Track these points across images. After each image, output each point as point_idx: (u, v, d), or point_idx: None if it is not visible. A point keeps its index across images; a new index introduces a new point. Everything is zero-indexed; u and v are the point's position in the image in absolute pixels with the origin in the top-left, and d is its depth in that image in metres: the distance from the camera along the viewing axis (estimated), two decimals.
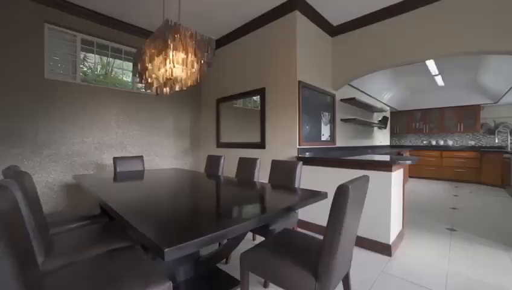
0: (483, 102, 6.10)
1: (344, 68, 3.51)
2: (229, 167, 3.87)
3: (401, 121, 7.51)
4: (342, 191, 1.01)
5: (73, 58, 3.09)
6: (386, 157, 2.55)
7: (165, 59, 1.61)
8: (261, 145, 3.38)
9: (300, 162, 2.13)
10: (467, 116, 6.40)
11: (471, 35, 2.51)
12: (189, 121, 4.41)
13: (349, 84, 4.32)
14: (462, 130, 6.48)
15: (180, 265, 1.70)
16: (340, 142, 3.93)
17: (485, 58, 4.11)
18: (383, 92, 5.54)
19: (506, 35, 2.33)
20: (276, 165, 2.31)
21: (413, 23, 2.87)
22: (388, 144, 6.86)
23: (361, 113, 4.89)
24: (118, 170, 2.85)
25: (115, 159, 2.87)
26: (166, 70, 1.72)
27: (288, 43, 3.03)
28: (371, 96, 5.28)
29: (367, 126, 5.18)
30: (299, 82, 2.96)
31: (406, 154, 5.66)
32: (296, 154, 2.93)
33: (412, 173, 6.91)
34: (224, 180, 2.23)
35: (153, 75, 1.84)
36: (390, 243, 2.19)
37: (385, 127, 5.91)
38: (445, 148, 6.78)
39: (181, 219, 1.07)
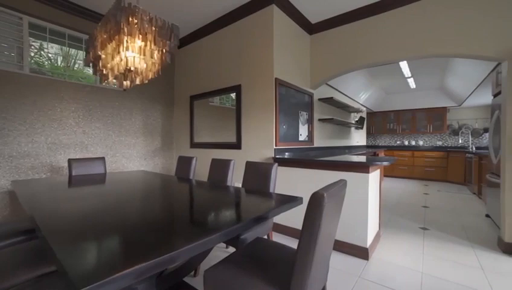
0: (449, 105, 6.45)
1: (322, 67, 3.46)
2: (203, 169, 3.65)
3: (376, 121, 7.74)
4: (316, 200, 0.87)
5: (18, 44, 2.68)
6: (363, 159, 2.50)
7: (119, 46, 1.38)
8: (237, 145, 3.21)
9: (276, 164, 2.00)
10: (435, 117, 6.74)
11: (435, 39, 2.55)
12: (160, 119, 4.12)
13: (327, 84, 4.30)
14: (431, 131, 6.81)
15: (138, 283, 1.48)
16: (318, 143, 3.88)
17: (451, 63, 4.30)
18: (360, 92, 5.63)
19: (467, 40, 2.38)
20: (250, 167, 2.16)
21: (391, 23, 2.87)
22: (365, 144, 7.03)
23: (339, 113, 4.91)
24: (74, 173, 2.53)
25: (70, 161, 2.54)
26: (121, 60, 1.49)
27: (265, 38, 2.89)
28: (348, 96, 5.34)
29: (344, 126, 5.22)
30: (276, 80, 2.83)
31: (381, 154, 5.82)
32: (273, 155, 2.80)
33: (386, 173, 7.14)
34: (194, 185, 2.03)
35: (108, 65, 1.60)
36: (368, 246, 2.13)
37: (362, 128, 6.02)
38: (416, 148, 7.09)
39: (127, 237, 0.88)
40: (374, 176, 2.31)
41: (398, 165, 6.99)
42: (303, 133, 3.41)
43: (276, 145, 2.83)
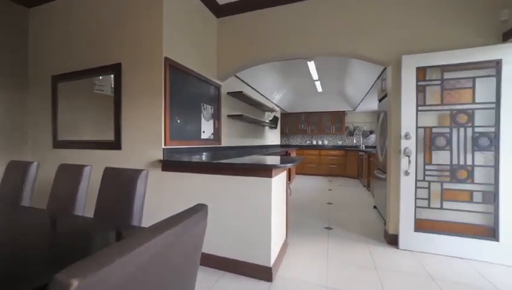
0: (347, 109, 7.37)
1: (230, 56, 3.03)
2: None
3: (289, 122, 8.12)
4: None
5: None
6: (276, 159, 2.19)
7: None
8: (116, 145, 2.38)
9: (144, 171, 1.39)
10: (337, 120, 7.59)
11: (337, 38, 2.54)
12: (3, 108, 2.75)
13: (239, 78, 3.94)
14: (333, 131, 7.62)
15: None
16: (227, 141, 3.45)
17: (349, 69, 4.74)
18: (274, 91, 5.61)
19: (366, 43, 2.45)
20: (108, 176, 1.46)
21: (299, 15, 2.70)
22: (279, 143, 7.19)
23: (252, 111, 4.67)
24: None
25: None
26: None
27: (151, 8, 2.20)
28: (262, 94, 5.20)
29: (258, 125, 5.04)
30: (166, 60, 2.19)
31: (293, 153, 6.00)
32: (162, 157, 2.16)
33: (297, 171, 7.54)
34: (7, 214, 1.17)
35: None
36: (271, 264, 1.80)
37: (275, 127, 6.06)
38: (323, 147, 7.81)
39: None
40: (279, 179, 2.02)
41: (308, 163, 7.51)
42: (207, 130, 2.89)
43: (165, 144, 2.19)
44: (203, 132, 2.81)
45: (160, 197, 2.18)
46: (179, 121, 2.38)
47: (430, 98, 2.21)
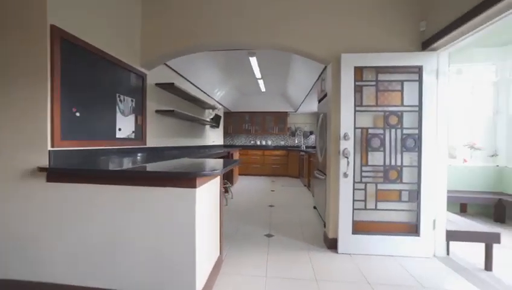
0: (289, 110, 7.54)
1: (160, 40, 2.51)
2: None
3: (233, 121, 7.84)
4: None
5: None
6: (197, 165, 1.82)
7: None
8: None
9: None
10: (280, 120, 7.68)
11: (277, 31, 2.36)
12: None
13: (173, 70, 3.41)
14: (276, 132, 7.70)
15: None
16: (154, 142, 2.90)
17: (291, 68, 4.74)
18: (215, 88, 5.22)
19: (308, 39, 2.34)
20: None
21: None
22: (222, 143, 6.82)
23: (191, 108, 4.18)
24: None
25: None
26: None
27: None
28: (202, 90, 4.74)
29: (197, 123, 4.57)
30: (55, 29, 1.58)
31: (236, 154, 5.72)
32: (47, 164, 1.54)
33: (241, 171, 7.32)
34: None
35: None
36: None
37: (217, 126, 5.68)
38: (266, 147, 7.80)
39: None
40: (208, 189, 1.66)
41: (252, 163, 7.37)
42: (125, 127, 2.31)
43: (54, 145, 1.57)
44: (119, 129, 2.23)
45: (42, 222, 1.56)
46: (78, 114, 1.77)
47: (366, 99, 2.22)
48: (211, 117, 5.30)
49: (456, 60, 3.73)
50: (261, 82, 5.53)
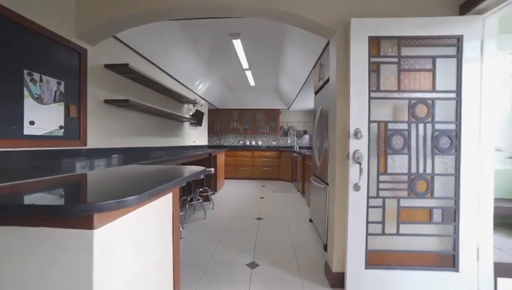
0: (281, 107, 6.92)
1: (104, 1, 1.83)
2: None
3: (221, 119, 7.15)
4: None
5: None
6: (111, 185, 1.15)
7: None
8: None
9: None
10: (271, 119, 7.05)
11: None
12: None
13: (136, 52, 2.72)
14: (268, 131, 7.06)
15: None
16: (104, 141, 2.21)
17: (283, 58, 4.11)
18: (197, 80, 4.53)
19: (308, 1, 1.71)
20: None
21: None
22: (206, 143, 6.13)
23: (164, 101, 3.49)
24: None
25: None
26: None
27: None
28: (179, 81, 4.06)
29: (172, 120, 3.88)
30: None
31: (221, 155, 5.05)
32: None
33: (229, 174, 6.65)
34: None
35: None
36: None
37: (199, 124, 4.99)
38: (256, 148, 7.15)
39: None
40: (134, 221, 0.99)
41: (240, 166, 6.71)
42: (42, 119, 1.61)
43: None
44: (31, 122, 1.53)
45: None
46: None
47: (385, 82, 1.60)
48: (191, 113, 4.61)
49: None
50: (249, 74, 4.88)
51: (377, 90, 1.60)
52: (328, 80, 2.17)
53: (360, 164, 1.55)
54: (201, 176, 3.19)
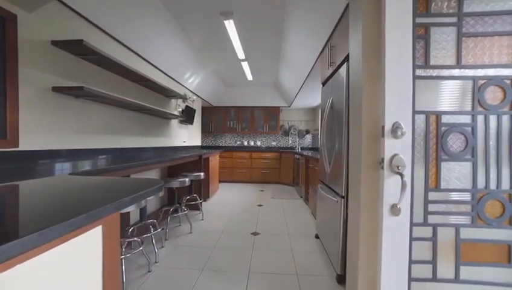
0: (282, 105, 6.40)
1: None
2: None
3: (217, 118, 6.63)
4: None
5: None
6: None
7: None
8: None
9: None
10: (271, 117, 6.53)
11: None
12: None
13: (109, 35, 2.19)
14: (267, 130, 6.54)
15: None
16: (51, 141, 1.69)
17: (284, 44, 3.59)
18: (186, 72, 4.01)
19: None
20: None
21: None
22: (199, 144, 5.61)
23: (143, 93, 2.97)
24: None
25: None
26: None
27: None
28: (165, 73, 3.54)
29: (154, 116, 3.36)
30: None
31: (215, 157, 4.53)
32: None
33: (225, 177, 6.13)
34: None
35: None
36: None
37: (191, 122, 4.46)
38: (255, 149, 6.63)
39: None
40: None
41: (237, 168, 6.19)
42: None
43: None
44: None
45: None
46: None
47: (437, 54, 1.08)
48: (180, 110, 4.08)
49: None
50: (245, 66, 4.35)
51: (425, 65, 1.08)
52: (340, 65, 1.66)
53: (401, 175, 1.03)
54: (187, 183, 2.68)
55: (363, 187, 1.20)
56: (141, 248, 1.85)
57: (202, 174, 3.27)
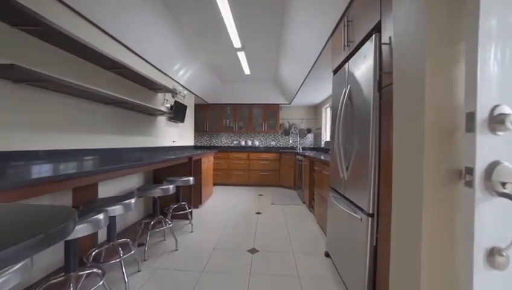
0: (281, 102, 5.97)
1: None
2: None
3: (211, 116, 6.17)
4: None
5: None
6: None
7: None
8: None
9: None
10: (270, 115, 6.09)
11: None
12: None
13: (69, 7, 1.73)
14: (266, 129, 6.10)
15: None
16: None
17: (286, 32, 3.15)
18: (176, 63, 3.56)
19: None
20: None
21: None
22: (192, 144, 5.15)
23: (126, 86, 2.52)
24: None
25: None
26: None
27: None
28: (149, 62, 3.07)
29: (139, 112, 2.90)
30: None
31: (207, 159, 4.08)
32: None
33: (222, 180, 5.68)
34: None
35: None
36: None
37: (181, 120, 4.00)
38: (253, 149, 6.19)
39: None
40: None
41: (234, 170, 5.74)
42: None
43: None
44: None
45: None
46: None
47: None
48: (168, 105, 3.62)
49: None
50: (242, 57, 3.90)
51: None
52: (364, 40, 1.23)
53: (510, 197, 0.59)
54: (171, 191, 2.23)
55: (426, 212, 0.76)
56: (102, 282, 1.39)
57: (191, 179, 2.82)
